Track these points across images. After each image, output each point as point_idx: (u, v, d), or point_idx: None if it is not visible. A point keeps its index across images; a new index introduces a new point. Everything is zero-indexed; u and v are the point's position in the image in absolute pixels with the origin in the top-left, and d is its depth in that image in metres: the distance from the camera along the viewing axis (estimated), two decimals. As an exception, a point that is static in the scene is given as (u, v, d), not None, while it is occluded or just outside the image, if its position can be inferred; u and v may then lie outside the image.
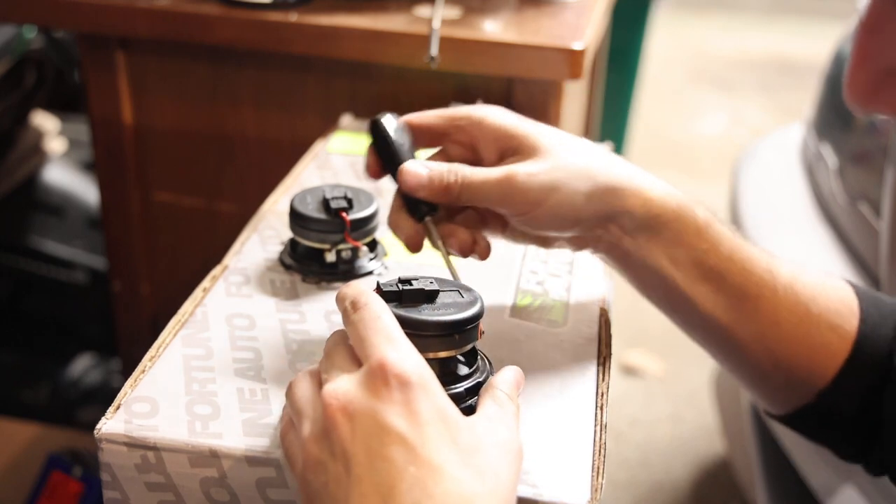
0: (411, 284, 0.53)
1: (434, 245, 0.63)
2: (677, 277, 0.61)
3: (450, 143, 0.65)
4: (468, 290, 0.55)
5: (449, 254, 0.63)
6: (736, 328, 0.62)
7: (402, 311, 0.52)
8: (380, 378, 0.45)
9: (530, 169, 0.59)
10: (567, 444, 0.54)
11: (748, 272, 0.61)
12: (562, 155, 0.60)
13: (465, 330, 0.53)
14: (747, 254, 0.62)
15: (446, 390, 0.49)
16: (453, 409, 0.46)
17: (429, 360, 0.48)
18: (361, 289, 0.50)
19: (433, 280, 0.54)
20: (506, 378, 0.52)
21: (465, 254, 0.63)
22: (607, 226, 0.61)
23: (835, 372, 0.62)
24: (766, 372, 0.64)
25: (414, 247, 0.63)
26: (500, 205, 0.60)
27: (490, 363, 0.58)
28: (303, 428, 0.46)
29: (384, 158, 0.65)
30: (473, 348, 0.56)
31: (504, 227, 0.64)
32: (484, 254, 0.64)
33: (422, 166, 0.61)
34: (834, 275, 0.67)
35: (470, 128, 0.63)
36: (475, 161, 0.63)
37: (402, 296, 0.53)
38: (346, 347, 0.49)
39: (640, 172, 0.62)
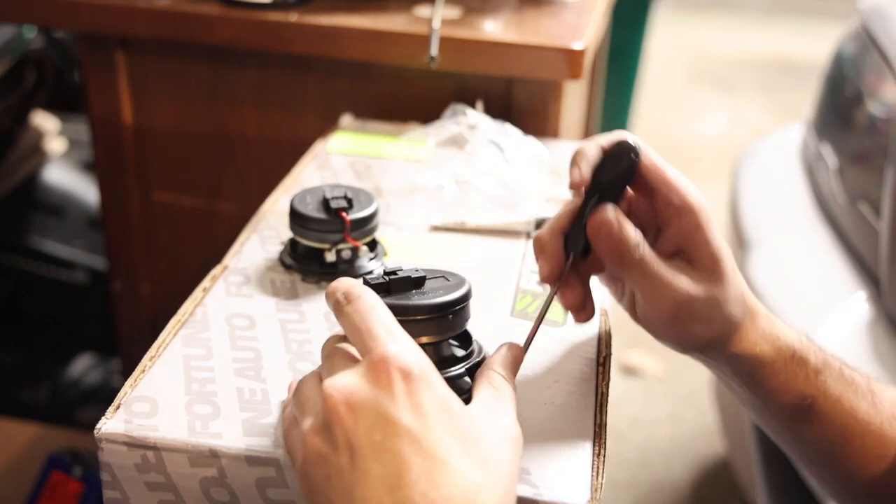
0: (396, 275, 0.54)
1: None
2: (775, 413, 0.60)
3: (644, 201, 0.59)
4: (454, 275, 0.56)
5: (549, 303, 0.58)
6: (837, 461, 0.61)
7: (392, 300, 0.52)
8: (382, 371, 0.44)
9: (694, 293, 0.56)
10: (567, 444, 0.54)
11: (853, 411, 0.60)
12: (723, 290, 0.57)
13: (456, 310, 0.53)
14: (853, 390, 0.60)
15: (444, 374, 0.49)
16: (454, 400, 0.46)
17: (424, 346, 0.49)
18: (353, 282, 0.50)
19: (417, 269, 0.55)
20: (500, 358, 0.53)
21: (567, 307, 0.59)
22: (710, 356, 0.60)
23: None
24: (866, 496, 0.63)
25: (551, 278, 0.58)
26: (645, 299, 0.58)
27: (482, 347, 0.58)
28: (304, 422, 0.46)
29: (601, 178, 0.57)
30: (466, 332, 0.56)
31: (604, 270, 0.62)
32: (584, 318, 0.60)
33: (618, 224, 0.55)
34: None
35: (676, 220, 0.57)
36: (647, 229, 0.59)
37: (390, 286, 0.53)
38: (344, 350, 0.49)
39: (767, 322, 0.59)
